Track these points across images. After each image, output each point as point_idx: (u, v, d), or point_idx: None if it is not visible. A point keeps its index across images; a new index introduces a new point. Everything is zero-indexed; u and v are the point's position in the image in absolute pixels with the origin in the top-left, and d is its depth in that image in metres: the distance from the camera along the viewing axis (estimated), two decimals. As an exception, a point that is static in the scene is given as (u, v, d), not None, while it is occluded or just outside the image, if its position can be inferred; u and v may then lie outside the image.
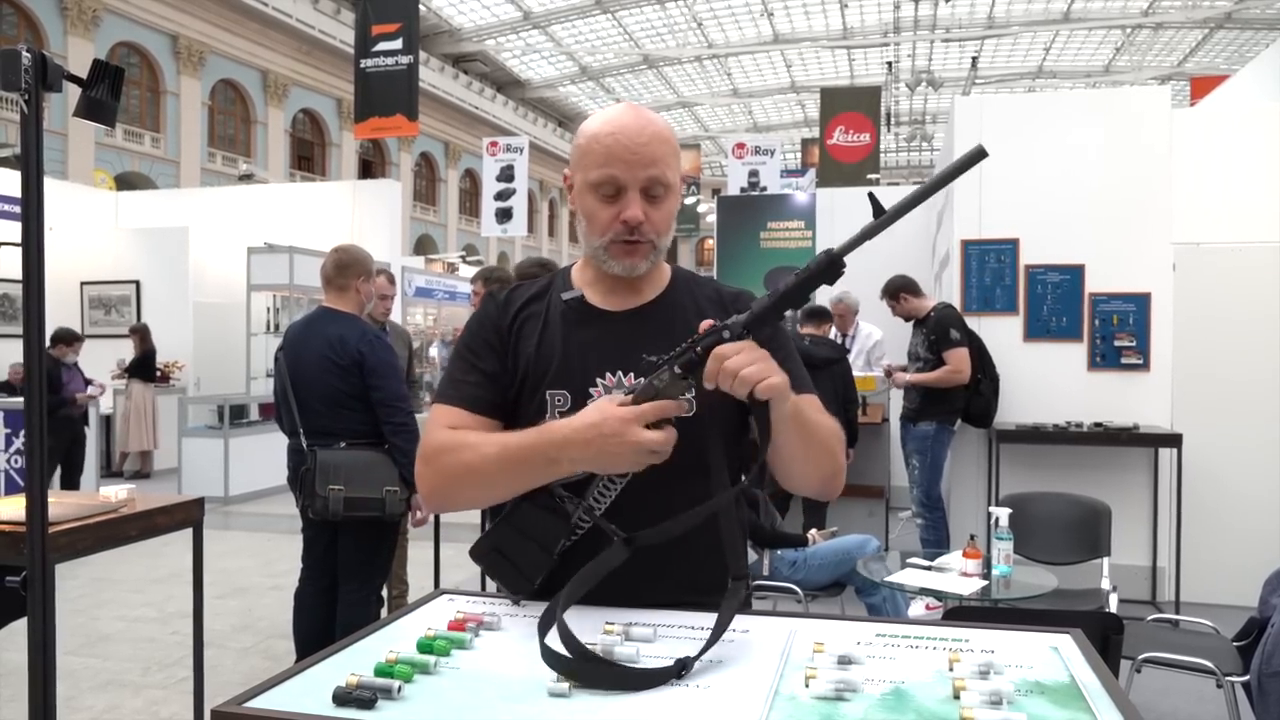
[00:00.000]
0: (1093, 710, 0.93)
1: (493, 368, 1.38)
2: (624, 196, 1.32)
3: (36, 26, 19.96)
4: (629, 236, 1.33)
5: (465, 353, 1.42)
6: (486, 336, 1.41)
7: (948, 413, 5.12)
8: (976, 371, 5.02)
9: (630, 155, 1.31)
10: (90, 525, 2.56)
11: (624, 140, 1.31)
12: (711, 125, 41.60)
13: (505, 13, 30.64)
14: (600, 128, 1.34)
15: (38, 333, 1.86)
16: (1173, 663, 2.88)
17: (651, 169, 1.32)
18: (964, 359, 4.99)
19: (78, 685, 3.83)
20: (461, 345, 1.44)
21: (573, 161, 1.39)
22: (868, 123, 16.63)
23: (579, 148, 1.37)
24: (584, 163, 1.35)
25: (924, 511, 5.19)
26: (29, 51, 1.80)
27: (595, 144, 1.33)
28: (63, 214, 10.74)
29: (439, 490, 1.34)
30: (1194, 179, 5.21)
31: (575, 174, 1.37)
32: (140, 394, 9.72)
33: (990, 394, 5.07)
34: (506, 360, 1.38)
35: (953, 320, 5.08)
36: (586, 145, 1.35)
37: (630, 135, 1.32)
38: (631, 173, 1.31)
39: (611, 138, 1.32)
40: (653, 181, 1.32)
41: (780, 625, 1.21)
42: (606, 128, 1.33)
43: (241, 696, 0.96)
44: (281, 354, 3.56)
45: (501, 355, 1.39)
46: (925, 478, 5.17)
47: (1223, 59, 29.60)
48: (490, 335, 1.41)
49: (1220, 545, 4.98)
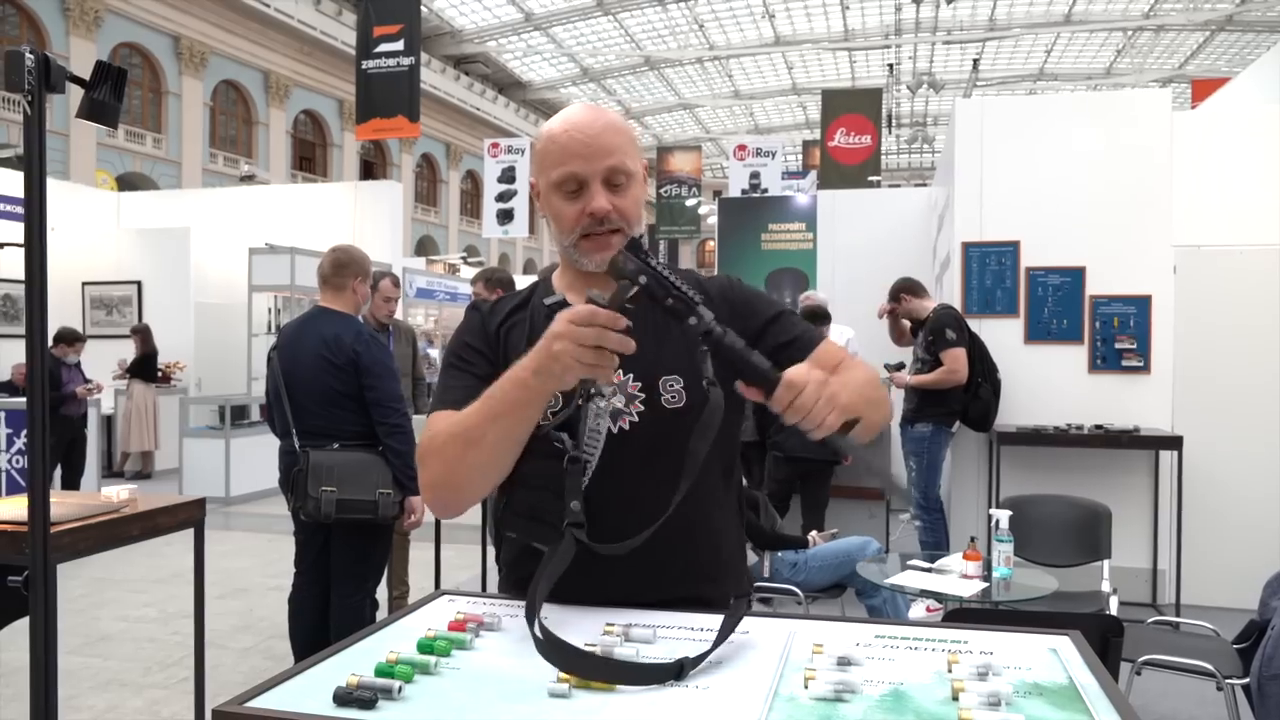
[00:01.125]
0: (1091, 712, 0.93)
1: (484, 371, 1.38)
2: (586, 190, 1.33)
3: (39, 27, 19.99)
4: (598, 228, 1.33)
5: (455, 360, 1.43)
6: (474, 343, 1.42)
7: (944, 414, 5.11)
8: (976, 375, 5.02)
9: (585, 149, 1.32)
10: (92, 525, 2.56)
11: (577, 135, 1.33)
12: (713, 127, 41.61)
13: (507, 14, 30.67)
14: (554, 128, 1.36)
15: (40, 333, 1.87)
16: (1173, 665, 2.88)
17: (609, 158, 1.33)
18: (960, 359, 4.97)
19: (79, 685, 3.84)
20: (450, 355, 1.45)
21: (534, 167, 1.41)
22: (869, 124, 16.61)
23: (538, 152, 1.38)
24: (544, 164, 1.36)
25: (921, 513, 5.19)
26: (32, 52, 1.80)
27: (551, 144, 1.35)
28: (65, 214, 10.74)
29: (442, 477, 1.32)
30: (1195, 181, 5.21)
31: (539, 178, 1.39)
32: (141, 394, 9.72)
33: (989, 397, 5.05)
34: (497, 364, 1.39)
35: (949, 321, 5.07)
36: (544, 147, 1.37)
37: (583, 129, 1.33)
38: (590, 165, 1.32)
39: (565, 134, 1.34)
40: (612, 170, 1.33)
41: (779, 626, 1.21)
42: (560, 126, 1.36)
43: (242, 696, 0.96)
44: (275, 354, 3.55)
45: (491, 360, 1.40)
46: (923, 479, 5.16)
47: (1224, 61, 29.59)
48: (478, 341, 1.42)
49: (1221, 548, 4.98)
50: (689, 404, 1.31)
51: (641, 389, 1.34)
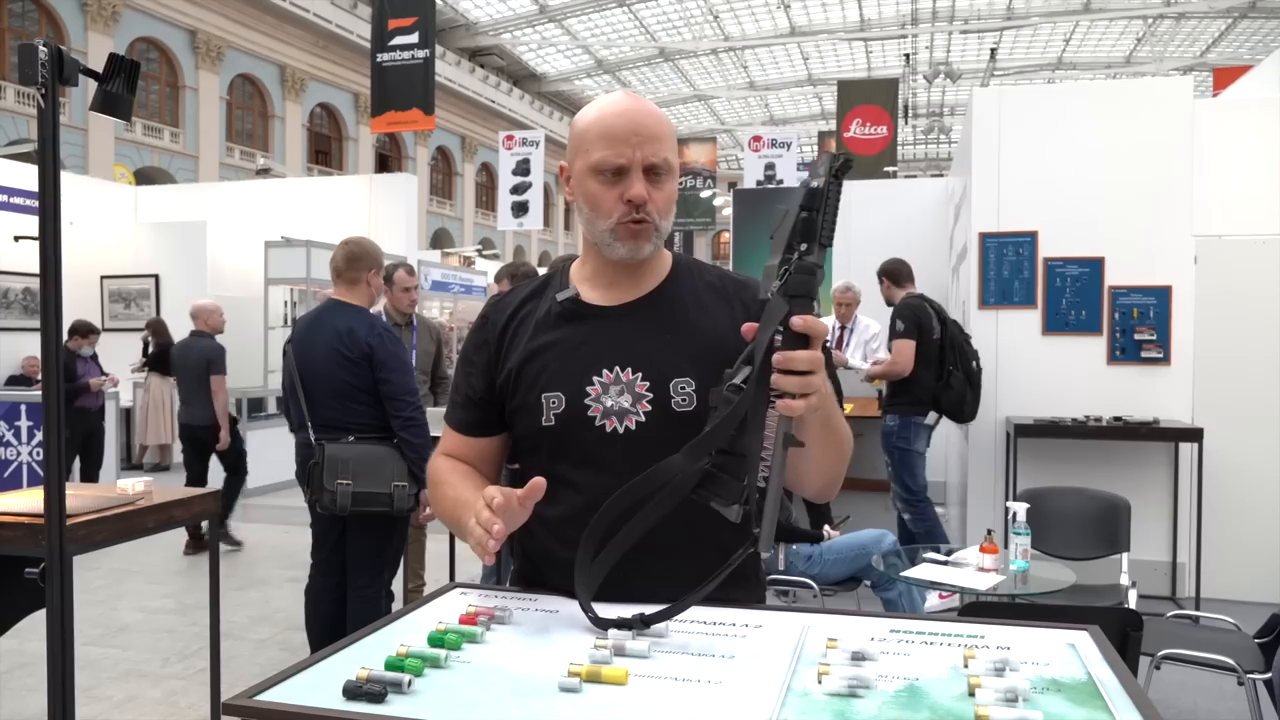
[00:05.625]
0: (1110, 708, 0.91)
1: (480, 391, 1.44)
2: (626, 176, 1.31)
3: (57, 23, 20.13)
4: (635, 216, 1.32)
5: (462, 367, 1.48)
6: (474, 357, 1.45)
7: (908, 405, 5.10)
8: (948, 364, 4.98)
9: (631, 135, 1.31)
10: (107, 517, 2.58)
11: (624, 120, 1.32)
12: (728, 118, 41.46)
13: (521, 6, 30.64)
14: (599, 112, 1.35)
15: (55, 325, 1.87)
16: (1193, 659, 2.85)
17: (652, 148, 1.31)
18: (902, 351, 5.00)
19: (98, 675, 3.87)
20: (460, 358, 1.50)
21: (570, 150, 1.38)
22: (885, 115, 16.50)
23: (577, 134, 1.37)
24: (583, 147, 1.34)
25: (906, 506, 5.17)
26: (46, 46, 1.81)
27: (595, 126, 1.33)
28: (83, 208, 10.82)
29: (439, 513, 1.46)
30: (1216, 170, 5.14)
31: (574, 161, 1.37)
32: (159, 387, 9.79)
33: (962, 387, 4.97)
34: (496, 376, 1.42)
35: (901, 312, 5.10)
36: (584, 129, 1.35)
37: (629, 116, 1.32)
38: (633, 151, 1.30)
39: (612, 118, 1.32)
40: (654, 161, 1.31)
41: (793, 620, 1.20)
42: (605, 110, 1.34)
43: (252, 689, 0.96)
44: (290, 347, 3.56)
45: (490, 374, 1.42)
46: (897, 471, 5.17)
47: (1246, 49, 29.22)
48: (478, 355, 1.45)
49: (1241, 541, 4.93)
50: (700, 407, 1.29)
51: (650, 389, 1.33)
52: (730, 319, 1.36)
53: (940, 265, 7.13)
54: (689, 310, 1.38)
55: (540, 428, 1.36)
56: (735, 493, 1.10)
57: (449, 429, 1.49)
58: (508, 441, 1.46)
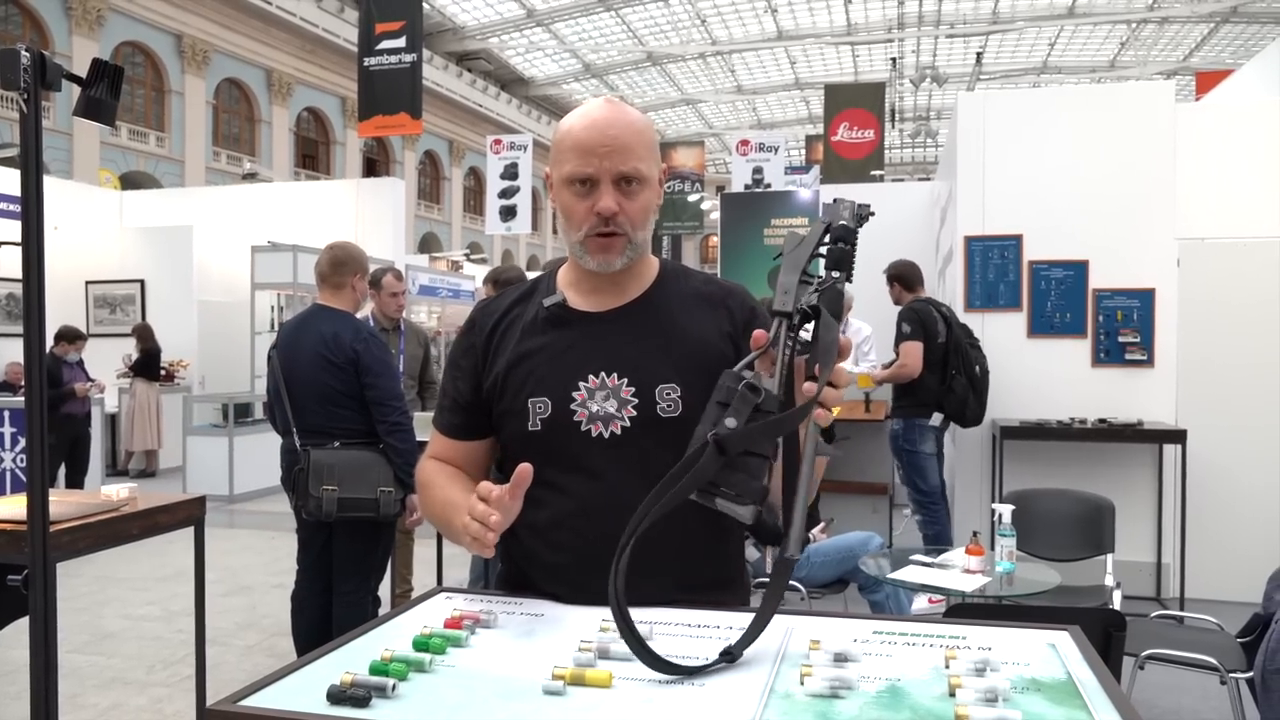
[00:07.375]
0: (1089, 708, 0.92)
1: (467, 396, 1.44)
2: (596, 189, 1.32)
3: (42, 27, 20.02)
4: (604, 228, 1.32)
5: (450, 371, 1.49)
6: (463, 361, 1.46)
7: (913, 407, 5.11)
8: (951, 367, 5.00)
9: (601, 147, 1.31)
10: (91, 524, 2.56)
11: (594, 133, 1.31)
12: (715, 122, 41.55)
13: (509, 10, 30.64)
14: (574, 122, 1.35)
15: (38, 330, 1.86)
16: (1176, 659, 2.87)
17: (621, 160, 1.31)
18: (909, 352, 4.99)
19: (82, 683, 3.84)
20: (448, 362, 1.50)
21: (550, 159, 1.40)
22: (872, 119, 16.58)
23: (555, 144, 1.38)
24: (559, 158, 1.35)
25: (918, 507, 5.19)
26: (28, 51, 1.80)
27: (568, 138, 1.34)
28: (68, 213, 10.77)
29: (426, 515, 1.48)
30: (1199, 174, 5.18)
31: (552, 170, 1.38)
32: (145, 393, 9.75)
33: (964, 391, 4.98)
34: (483, 380, 1.42)
35: (906, 315, 5.09)
36: (560, 139, 1.36)
37: (600, 128, 1.32)
38: (602, 164, 1.31)
39: (583, 131, 1.32)
40: (624, 171, 1.31)
41: (777, 622, 1.20)
42: (579, 122, 1.34)
43: (236, 695, 0.96)
44: (275, 352, 3.54)
45: (477, 378, 1.43)
46: (907, 474, 5.18)
47: (1229, 53, 29.46)
48: (464, 359, 1.45)
49: (1225, 541, 4.96)
50: (685, 412, 1.30)
51: (635, 394, 1.33)
52: (716, 326, 1.37)
53: (927, 269, 7.12)
54: (675, 316, 1.38)
55: (527, 432, 1.36)
56: (756, 492, 1.08)
57: (437, 432, 1.50)
58: (495, 445, 1.47)
